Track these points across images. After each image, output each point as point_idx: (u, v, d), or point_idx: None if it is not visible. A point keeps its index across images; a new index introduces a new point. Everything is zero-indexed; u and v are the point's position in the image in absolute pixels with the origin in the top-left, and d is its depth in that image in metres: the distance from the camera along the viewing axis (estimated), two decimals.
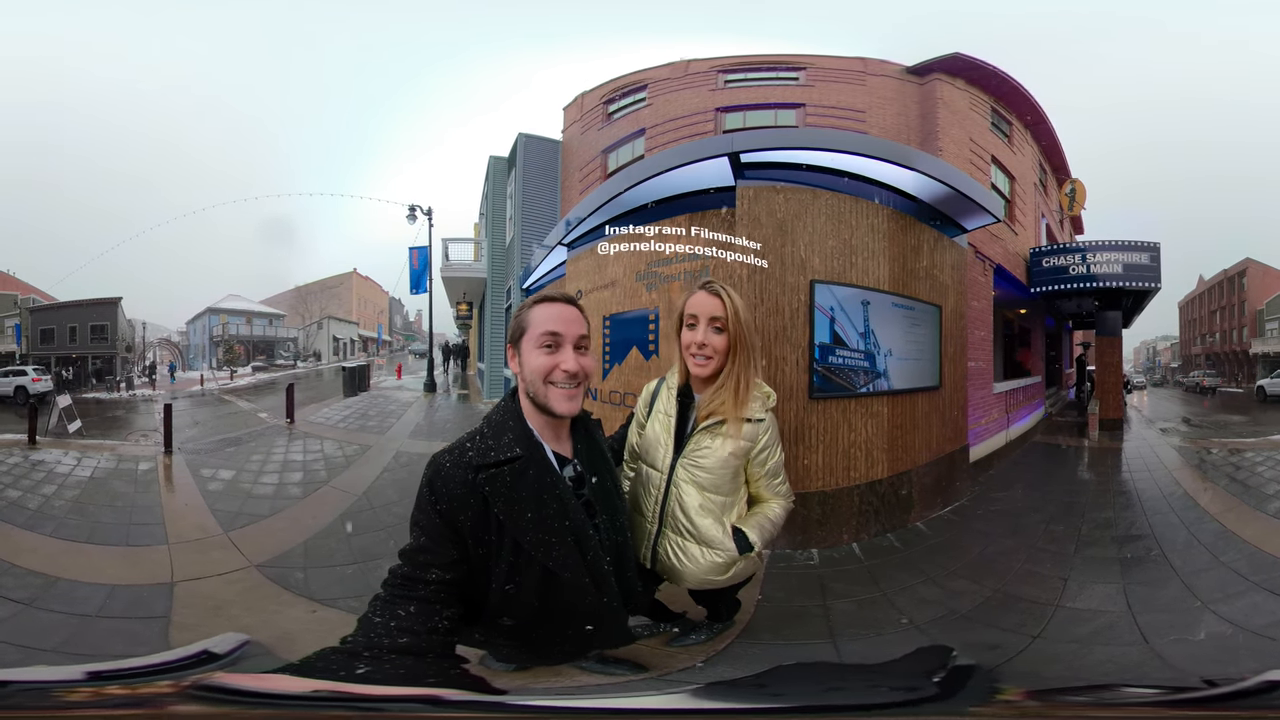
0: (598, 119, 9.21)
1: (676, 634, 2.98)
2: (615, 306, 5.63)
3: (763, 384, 2.55)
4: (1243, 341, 12.93)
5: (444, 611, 1.75)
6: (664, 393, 2.60)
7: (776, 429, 2.59)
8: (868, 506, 4.99)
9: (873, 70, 7.91)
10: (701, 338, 2.43)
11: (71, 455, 7.13)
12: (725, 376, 2.43)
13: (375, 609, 1.74)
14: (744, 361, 2.43)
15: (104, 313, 11.34)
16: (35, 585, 4.02)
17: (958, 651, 1.55)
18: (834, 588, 4.05)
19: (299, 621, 3.68)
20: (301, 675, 1.46)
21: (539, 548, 1.84)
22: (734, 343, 2.42)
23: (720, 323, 2.43)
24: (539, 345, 1.94)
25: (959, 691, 1.32)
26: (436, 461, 1.87)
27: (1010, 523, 5.62)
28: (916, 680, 1.40)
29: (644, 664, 2.76)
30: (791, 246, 4.78)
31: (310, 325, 13.74)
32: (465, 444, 1.90)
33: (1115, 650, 3.18)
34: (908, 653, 1.71)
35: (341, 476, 6.54)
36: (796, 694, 1.44)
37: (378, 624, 1.69)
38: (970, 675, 1.38)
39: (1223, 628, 3.38)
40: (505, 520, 1.82)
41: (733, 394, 2.42)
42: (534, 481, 1.87)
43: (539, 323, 1.96)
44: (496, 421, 1.96)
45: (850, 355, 4.96)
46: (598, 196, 6.00)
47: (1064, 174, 11.58)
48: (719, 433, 2.44)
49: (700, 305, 2.46)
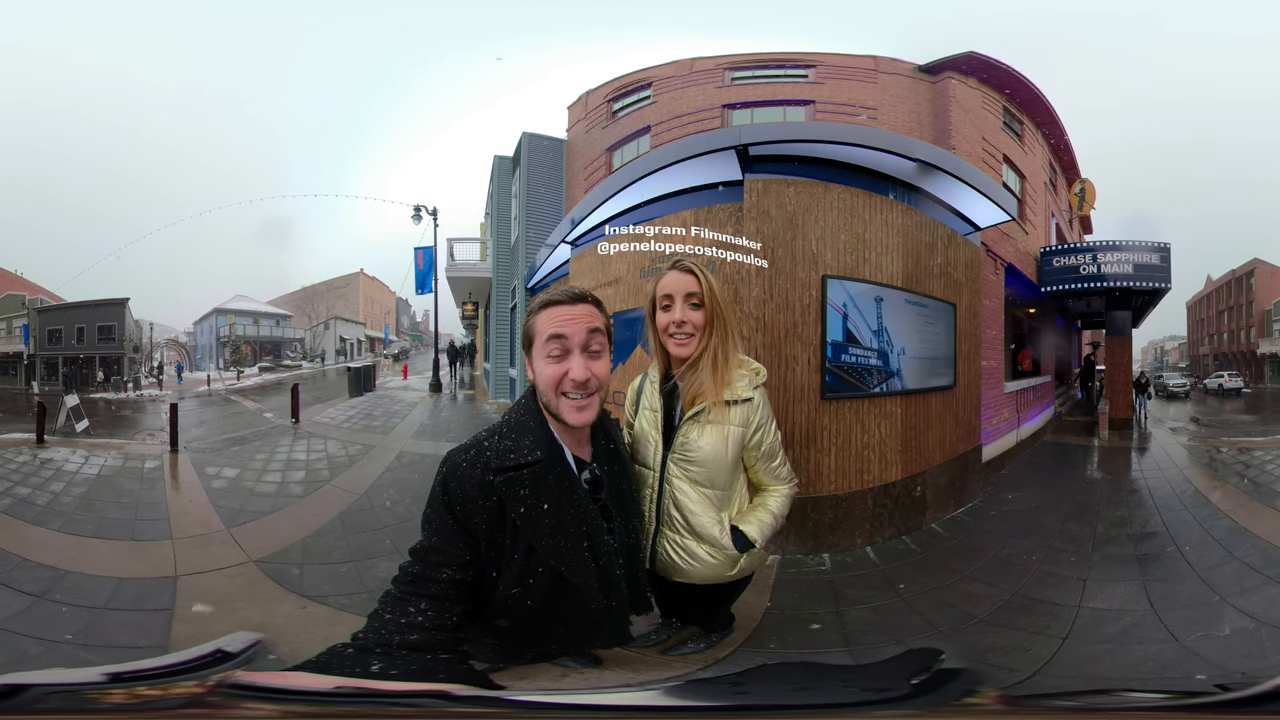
0: (602, 117, 9.18)
1: (673, 642, 2.84)
2: (619, 304, 5.56)
3: (748, 359, 2.44)
4: (1250, 342, 12.88)
5: (454, 609, 1.72)
6: (648, 388, 2.50)
7: (769, 406, 2.45)
8: (881, 509, 4.93)
9: (884, 68, 7.86)
10: (679, 315, 2.32)
11: (79, 454, 7.20)
12: (700, 355, 2.32)
13: (386, 606, 1.70)
14: (721, 335, 2.32)
15: (111, 313, 11.35)
16: (46, 578, 4.09)
17: (973, 654, 1.55)
18: (847, 593, 3.99)
19: (288, 617, 3.73)
20: (320, 672, 1.46)
21: (553, 552, 1.79)
22: (710, 317, 2.32)
23: (697, 298, 2.32)
24: (546, 354, 1.84)
25: (932, 693, 1.33)
26: (452, 460, 1.81)
27: (1025, 523, 5.56)
28: (891, 681, 1.41)
29: (634, 669, 2.69)
30: (802, 241, 4.72)
31: (317, 325, 13.73)
32: (483, 442, 1.83)
33: (1151, 649, 3.13)
34: (896, 654, 1.71)
35: (343, 476, 6.55)
36: (768, 692, 1.45)
37: (388, 621, 1.66)
38: (954, 677, 1.38)
39: (1244, 622, 3.39)
40: (521, 524, 1.77)
41: (710, 373, 2.30)
42: (553, 486, 1.81)
43: (544, 328, 1.85)
44: (517, 422, 1.89)
45: (863, 354, 4.90)
46: (601, 192, 5.95)
47: (1073, 173, 11.52)
48: (705, 421, 2.33)
49: (674, 284, 2.36)
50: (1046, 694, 1.38)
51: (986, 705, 1.29)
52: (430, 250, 9.87)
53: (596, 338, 1.87)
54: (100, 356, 11.24)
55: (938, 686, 1.34)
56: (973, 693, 1.31)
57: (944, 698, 1.31)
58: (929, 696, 1.31)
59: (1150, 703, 1.38)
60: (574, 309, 1.86)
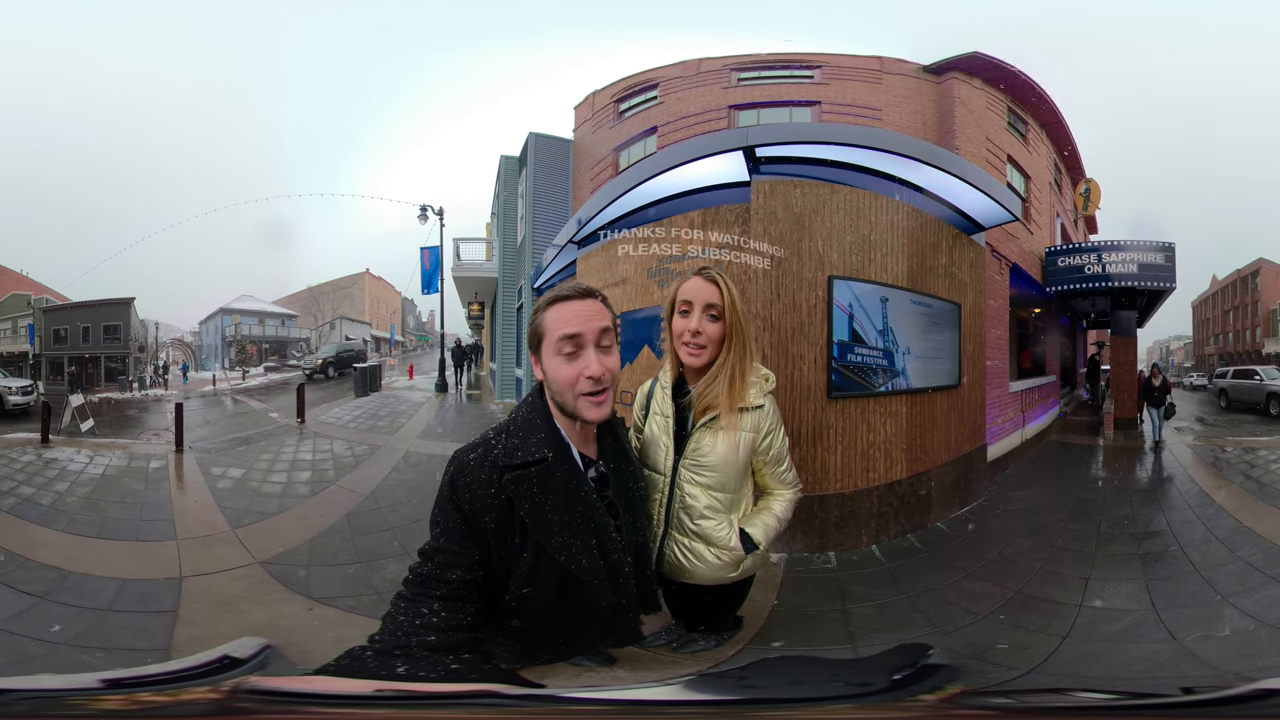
0: (609, 117, 9.20)
1: (683, 641, 2.87)
2: (626, 304, 5.56)
3: (759, 367, 2.44)
4: (1256, 341, 12.89)
5: (467, 608, 1.71)
6: (658, 392, 2.49)
7: (778, 413, 2.47)
8: (887, 508, 4.93)
9: (889, 69, 7.86)
10: (696, 324, 2.30)
11: (84, 453, 7.22)
12: (719, 367, 2.32)
13: (400, 608, 1.69)
14: (739, 352, 2.32)
15: (117, 313, 11.38)
16: (49, 579, 4.06)
17: (973, 651, 1.59)
18: (853, 591, 3.99)
19: (295, 619, 3.70)
20: (338, 675, 1.45)
21: (562, 551, 1.78)
22: (730, 331, 2.31)
23: (716, 310, 2.31)
24: (558, 352, 1.81)
25: (910, 686, 1.36)
26: (460, 459, 1.80)
27: (1029, 522, 5.56)
28: (875, 676, 1.45)
29: (648, 667, 2.70)
30: (809, 241, 4.72)
31: (323, 325, 13.77)
32: (491, 441, 1.82)
33: (1148, 648, 3.14)
34: (887, 649, 1.76)
35: (349, 476, 6.56)
36: (769, 686, 1.47)
37: (403, 623, 1.65)
38: (934, 673, 1.41)
39: (1245, 622, 3.39)
40: (530, 523, 1.76)
41: (727, 385, 2.30)
42: (560, 484, 1.80)
43: (555, 326, 1.83)
44: (524, 420, 1.88)
45: (869, 353, 4.90)
46: (608, 192, 5.95)
47: (1078, 173, 11.52)
48: (718, 428, 2.33)
49: (695, 291, 2.33)
50: (997, 690, 1.41)
51: (929, 701, 1.30)
52: (436, 250, 9.89)
53: (607, 334, 1.87)
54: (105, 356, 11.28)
55: (915, 682, 1.37)
56: (938, 689, 1.33)
57: (915, 693, 1.33)
58: (893, 692, 1.34)
59: (1104, 703, 1.38)
60: (584, 305, 1.85)
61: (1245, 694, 1.25)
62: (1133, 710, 1.34)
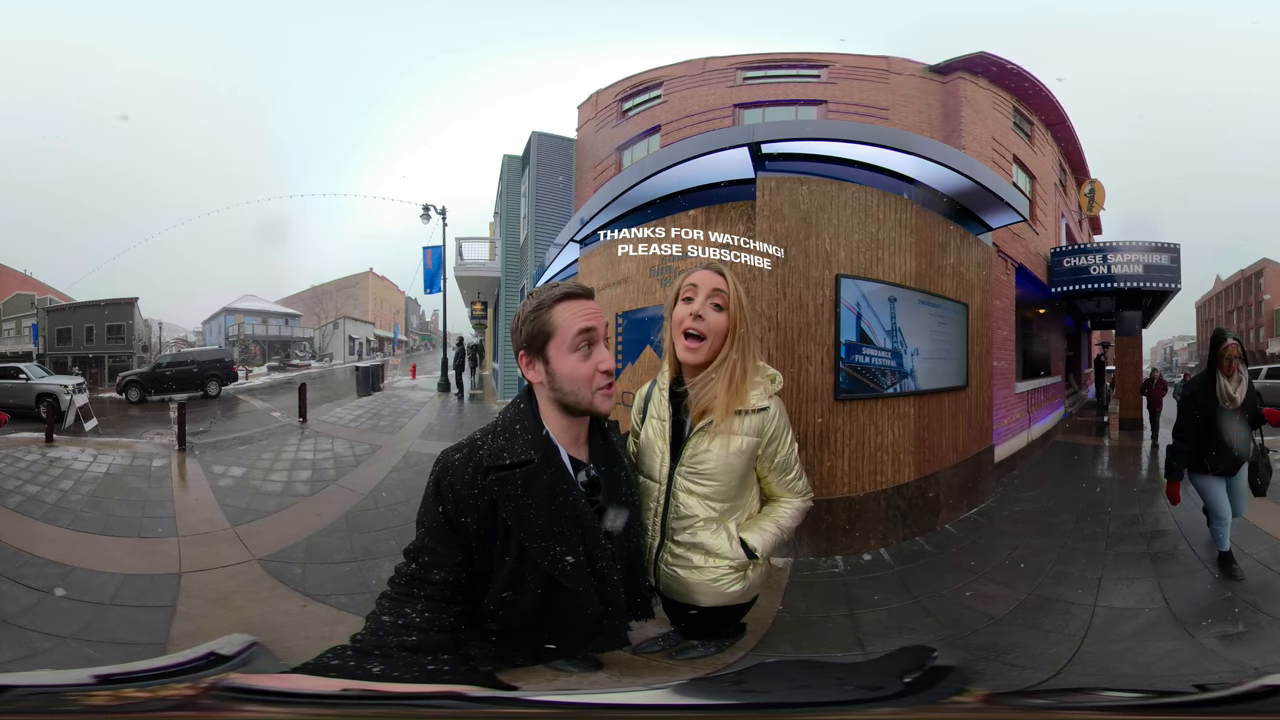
0: (612, 116, 9.16)
1: (682, 646, 2.74)
2: (628, 304, 5.52)
3: (765, 366, 2.28)
4: (1260, 342, 12.83)
5: (451, 609, 1.69)
6: (656, 395, 2.33)
7: (785, 416, 2.29)
8: (895, 511, 4.89)
9: (895, 68, 7.82)
10: (699, 309, 2.15)
11: (88, 452, 7.24)
12: (718, 363, 2.16)
13: (384, 607, 1.68)
14: (741, 351, 2.17)
15: (120, 313, 11.37)
16: (53, 575, 4.13)
17: (990, 655, 1.56)
18: (861, 595, 3.96)
19: (287, 615, 3.75)
20: (319, 674, 1.43)
21: (546, 556, 1.73)
22: (733, 325, 2.17)
23: (721, 299, 2.16)
24: (575, 349, 1.79)
25: (923, 690, 1.34)
26: (445, 458, 1.78)
27: (1039, 522, 5.53)
28: (885, 679, 1.43)
29: (638, 672, 2.64)
30: (816, 239, 4.69)
31: (326, 325, 13.75)
32: (477, 441, 1.80)
33: (1168, 645, 3.11)
34: (890, 652, 1.73)
35: (349, 475, 6.57)
36: (768, 691, 1.45)
37: (386, 623, 1.64)
38: (944, 675, 1.40)
39: (1258, 618, 3.43)
40: (513, 525, 1.72)
41: (725, 385, 2.14)
42: (546, 487, 1.76)
43: (570, 322, 1.79)
44: (511, 421, 1.84)
45: (877, 354, 4.86)
46: (611, 190, 5.92)
47: (1083, 174, 11.47)
48: (714, 431, 2.16)
49: (702, 278, 2.20)
50: (1027, 691, 1.39)
51: (968, 703, 1.29)
52: (439, 250, 9.87)
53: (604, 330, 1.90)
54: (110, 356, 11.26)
55: (929, 684, 1.35)
56: (962, 691, 1.32)
57: (933, 696, 1.31)
58: (920, 695, 1.32)
59: (1126, 701, 1.38)
60: (591, 302, 1.85)
61: (1257, 690, 1.25)
62: (1152, 709, 1.33)
